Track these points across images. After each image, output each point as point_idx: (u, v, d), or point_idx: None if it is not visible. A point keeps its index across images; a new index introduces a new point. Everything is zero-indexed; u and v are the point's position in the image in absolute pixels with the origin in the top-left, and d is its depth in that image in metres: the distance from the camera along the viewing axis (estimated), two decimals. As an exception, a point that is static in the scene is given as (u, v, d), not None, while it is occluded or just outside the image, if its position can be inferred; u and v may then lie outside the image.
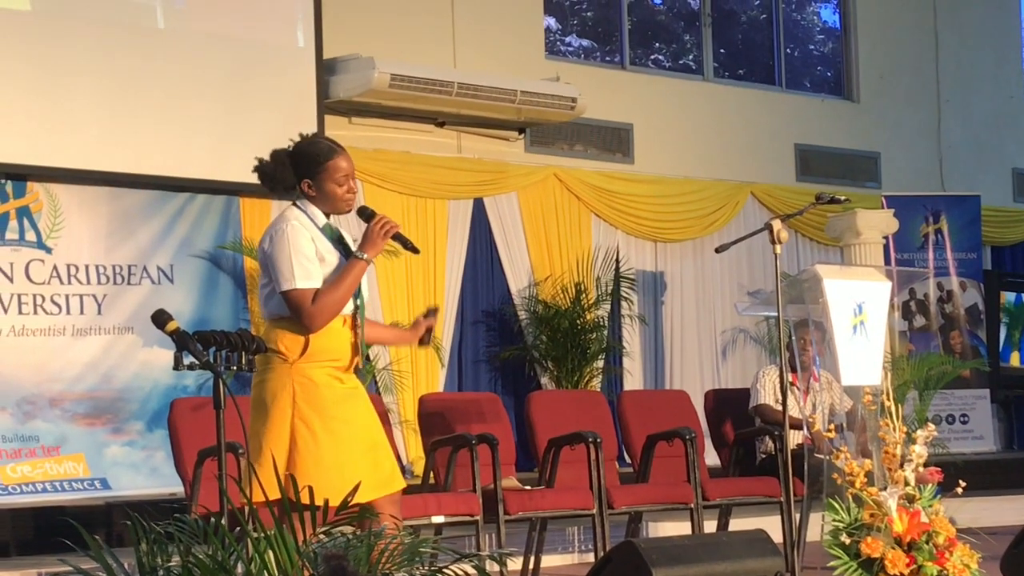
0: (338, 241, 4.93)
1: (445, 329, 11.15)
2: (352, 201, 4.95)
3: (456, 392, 10.90)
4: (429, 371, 10.93)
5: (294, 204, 4.95)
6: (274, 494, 4.34)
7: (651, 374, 12.42)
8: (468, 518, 6.83)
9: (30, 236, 9.29)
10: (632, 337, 12.19)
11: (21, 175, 9.26)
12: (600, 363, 11.54)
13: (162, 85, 9.60)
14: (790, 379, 7.65)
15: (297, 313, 4.75)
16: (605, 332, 11.58)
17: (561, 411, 7.94)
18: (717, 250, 7.23)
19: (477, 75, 11.01)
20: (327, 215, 4.94)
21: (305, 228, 4.85)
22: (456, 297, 11.29)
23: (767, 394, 8.23)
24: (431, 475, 7.30)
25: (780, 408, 6.69)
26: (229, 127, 9.87)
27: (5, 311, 9.11)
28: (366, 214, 4.95)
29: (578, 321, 11.26)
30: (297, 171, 4.96)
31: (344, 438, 4.77)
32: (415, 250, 5.08)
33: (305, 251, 4.80)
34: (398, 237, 4.92)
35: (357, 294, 4.87)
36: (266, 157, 5.06)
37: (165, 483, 8.99)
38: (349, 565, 2.80)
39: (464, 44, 11.55)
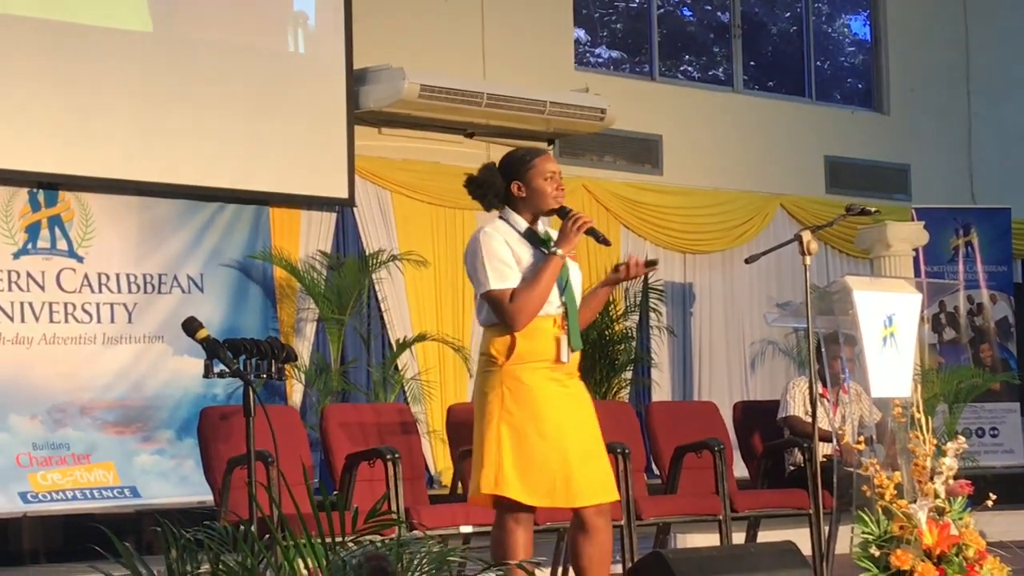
0: (545, 243, 5.03)
1: (473, 339, 11.15)
2: (560, 200, 5.04)
3: (484, 402, 10.87)
4: (457, 381, 10.94)
5: (499, 216, 5.12)
6: (489, 491, 4.74)
7: (679, 385, 12.40)
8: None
9: (61, 245, 9.34)
10: (661, 348, 12.18)
11: (53, 184, 9.32)
12: (628, 374, 11.52)
13: (193, 96, 9.64)
14: (820, 391, 7.63)
15: (499, 314, 4.89)
16: (633, 343, 11.56)
17: (590, 422, 7.91)
18: (747, 261, 7.21)
19: (507, 86, 11.02)
20: (535, 219, 5.05)
21: (499, 233, 5.02)
22: (484, 308, 11.27)
23: (796, 406, 8.21)
24: (459, 485, 7.29)
25: (809, 420, 6.67)
26: (259, 137, 9.91)
27: (37, 319, 9.15)
28: (563, 212, 5.05)
29: (606, 332, 11.24)
30: (506, 175, 5.11)
31: (554, 441, 4.85)
32: (607, 242, 5.16)
33: (499, 254, 4.95)
34: (591, 232, 4.99)
35: (566, 292, 4.93)
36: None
37: (195, 491, 9.01)
38: (390, 566, 2.81)
39: (494, 55, 11.56)
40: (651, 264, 5.18)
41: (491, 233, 5.02)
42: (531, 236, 5.02)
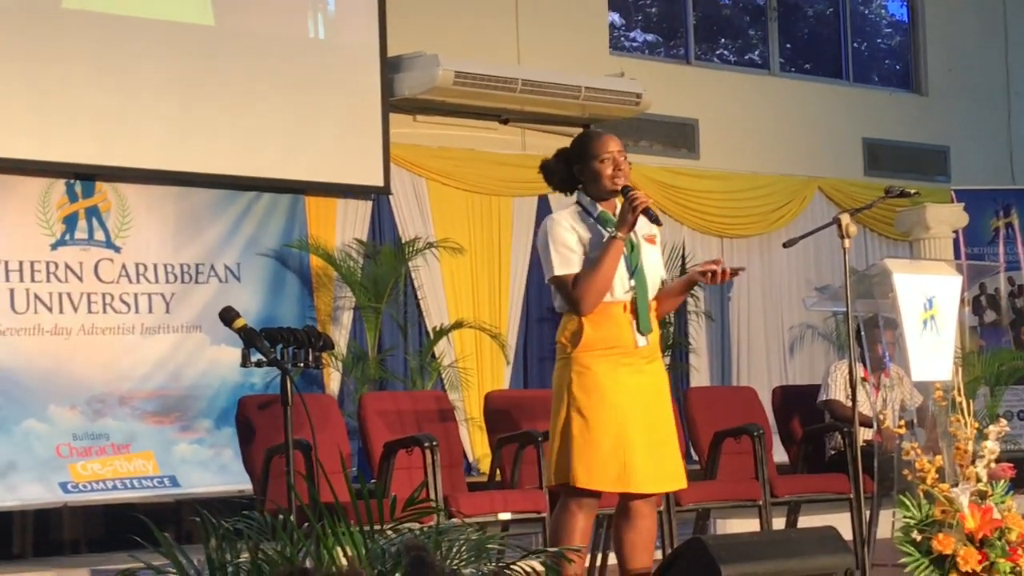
0: (613, 226, 5.03)
1: (510, 326, 11.15)
2: (619, 182, 5.01)
3: (522, 389, 10.88)
4: (494, 368, 10.93)
5: (575, 200, 5.15)
6: (557, 479, 4.84)
7: (717, 370, 12.35)
8: (535, 515, 6.81)
9: (99, 236, 9.36)
10: (698, 333, 12.14)
11: (90, 175, 9.34)
12: (667, 360, 11.47)
13: (228, 85, 9.65)
14: (861, 374, 7.58)
15: (565, 300, 4.96)
16: (671, 328, 11.51)
17: (628, 408, 7.89)
18: (785, 245, 7.17)
19: (541, 72, 10.99)
20: (604, 201, 5.07)
21: (565, 219, 5.04)
22: (521, 294, 11.27)
23: (838, 389, 8.16)
24: (497, 472, 7.29)
25: (850, 404, 6.63)
26: (295, 126, 9.91)
27: (75, 310, 9.19)
28: (625, 192, 5.06)
29: (644, 317, 11.20)
30: (569, 160, 5.13)
31: (622, 428, 4.86)
32: (658, 222, 5.16)
33: (563, 240, 4.97)
34: (646, 211, 4.98)
35: (636, 276, 4.94)
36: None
37: (233, 480, 9.04)
38: (430, 555, 2.80)
39: (528, 41, 11.53)
40: (736, 273, 5.18)
41: (557, 219, 5.05)
42: (602, 218, 5.03)
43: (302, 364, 4.42)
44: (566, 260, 4.96)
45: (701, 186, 12.40)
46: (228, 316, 4.40)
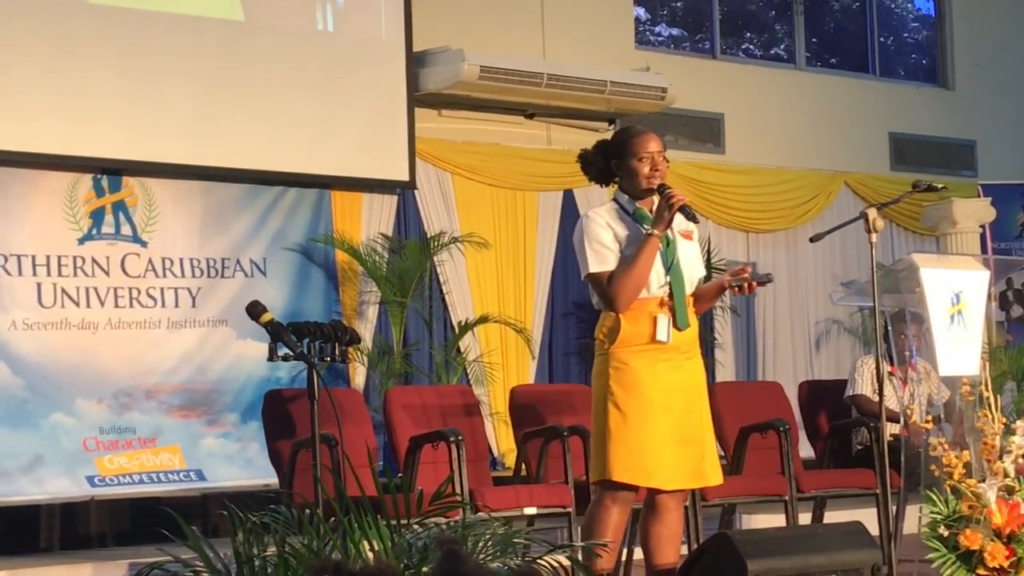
0: (649, 223, 5.04)
1: (535, 321, 11.14)
2: (656, 181, 5.04)
3: (547, 384, 10.88)
4: (519, 363, 10.93)
5: (613, 197, 5.15)
6: (596, 474, 4.84)
7: (743, 365, 12.33)
8: (560, 509, 6.81)
9: (126, 230, 9.39)
10: (724, 328, 12.12)
11: (116, 170, 9.37)
12: (692, 354, 11.45)
13: (254, 80, 9.67)
14: (888, 369, 7.55)
15: (600, 297, 4.98)
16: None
17: (653, 403, 7.88)
18: (812, 239, 7.14)
19: (567, 66, 10.98)
20: (640, 199, 5.08)
21: (602, 216, 5.04)
22: (546, 289, 11.27)
23: (864, 384, 8.13)
24: (523, 467, 7.28)
25: (877, 398, 6.61)
26: (320, 121, 9.92)
27: (102, 304, 9.22)
28: (661, 190, 5.06)
29: (670, 313, 11.18)
30: (607, 154, 5.15)
31: (658, 423, 4.88)
32: (695, 219, 5.17)
33: (599, 237, 4.99)
34: (683, 209, 4.99)
35: (671, 271, 4.94)
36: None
37: (259, 474, 9.06)
38: (462, 550, 2.80)
39: (553, 35, 11.52)
40: (763, 283, 5.16)
41: (593, 216, 5.07)
42: (638, 216, 5.03)
43: (328, 359, 4.43)
44: (601, 257, 4.96)
45: (727, 181, 12.38)
46: (255, 311, 4.41)
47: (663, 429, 4.94)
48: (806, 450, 8.47)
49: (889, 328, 7.47)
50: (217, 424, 9.56)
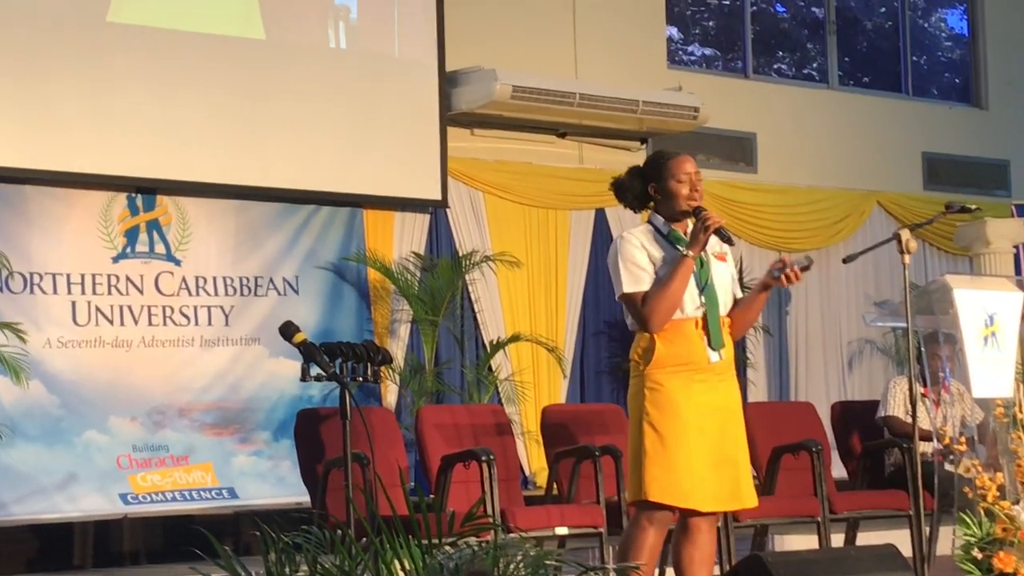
0: (685, 245, 5.04)
1: (567, 339, 11.14)
2: (694, 202, 5.06)
3: (579, 403, 10.87)
4: (551, 382, 10.93)
5: (648, 219, 5.18)
6: (632, 495, 4.86)
7: (776, 385, 12.30)
8: (592, 530, 6.80)
9: (159, 249, 9.44)
10: (756, 348, 12.09)
11: (151, 189, 9.42)
12: (724, 374, 11.42)
13: (287, 99, 9.71)
14: (920, 390, 7.52)
15: (634, 317, 4.98)
16: (728, 343, 11.48)
17: (685, 423, 7.86)
18: (845, 260, 7.12)
19: (599, 85, 10.99)
20: (676, 221, 5.09)
21: (636, 237, 5.07)
22: (578, 307, 11.27)
23: (897, 405, 8.10)
24: (554, 486, 7.28)
25: (909, 419, 6.58)
26: (353, 140, 9.96)
27: (136, 322, 9.26)
28: (697, 212, 5.08)
29: (701, 331, 11.16)
30: (644, 177, 5.17)
31: (694, 445, 4.87)
32: (731, 242, 5.16)
33: (634, 258, 5.01)
34: (719, 231, 4.99)
35: (706, 292, 4.95)
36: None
37: (291, 492, 9.08)
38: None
39: (586, 54, 11.54)
40: (806, 269, 5.12)
41: (628, 237, 5.08)
42: (674, 238, 5.03)
43: (361, 379, 4.44)
44: (635, 278, 4.97)
45: (759, 200, 12.36)
46: (288, 331, 4.43)
47: (699, 450, 4.93)
48: (839, 471, 8.44)
49: (922, 349, 7.44)
50: (249, 442, 9.59)
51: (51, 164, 8.88)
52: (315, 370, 4.31)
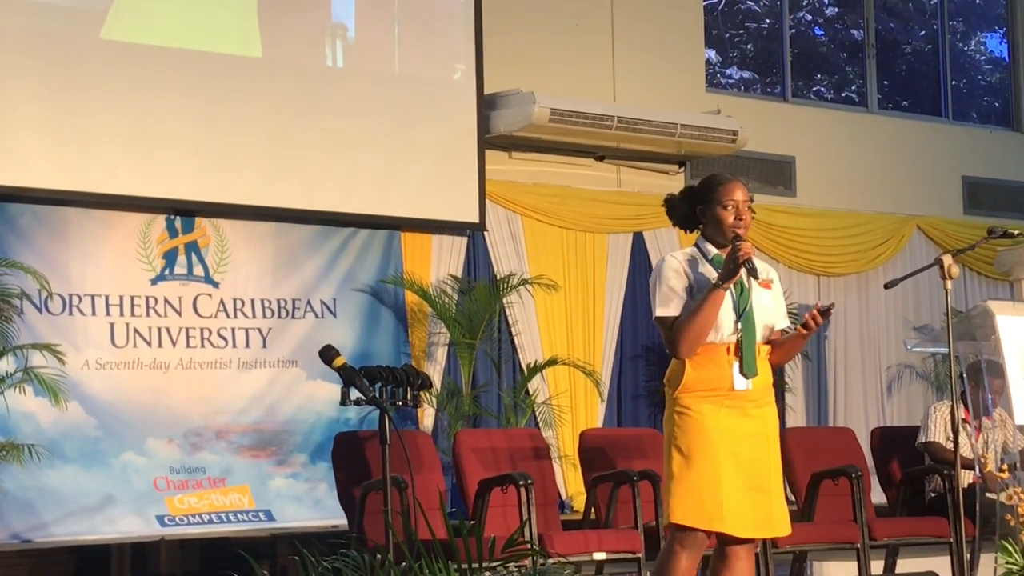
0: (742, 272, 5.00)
1: (604, 363, 11.11)
2: (741, 230, 5.00)
3: (616, 427, 10.84)
4: (588, 406, 10.89)
5: (695, 243, 5.13)
6: (666, 519, 4.82)
7: (814, 410, 12.22)
8: (630, 555, 6.77)
9: (198, 271, 9.46)
10: (795, 373, 12.02)
11: (189, 211, 9.45)
12: (763, 399, 11.36)
13: (326, 122, 9.73)
14: (962, 416, 7.46)
15: (665, 341, 4.94)
16: (767, 368, 11.42)
17: (724, 448, 7.82)
18: (887, 286, 7.08)
19: (637, 109, 10.98)
20: (723, 247, 5.05)
21: (678, 260, 5.03)
22: (615, 331, 11.24)
23: (938, 431, 8.04)
24: (592, 511, 7.25)
25: (951, 446, 6.53)
26: (391, 163, 9.97)
27: (174, 344, 9.28)
28: (735, 242, 5.02)
29: (739, 356, 11.10)
30: (693, 199, 5.13)
31: (723, 469, 4.84)
32: (756, 275, 5.05)
33: (670, 282, 4.98)
34: (746, 263, 4.95)
35: (743, 319, 4.92)
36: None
37: (328, 515, 9.07)
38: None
39: (624, 78, 11.53)
40: (827, 312, 5.05)
41: (668, 260, 5.05)
42: (715, 263, 5.00)
43: (400, 403, 4.43)
44: (667, 301, 4.94)
45: (798, 224, 12.31)
46: (328, 355, 4.42)
47: (728, 474, 4.88)
48: (878, 496, 8.38)
49: (963, 374, 7.39)
50: (286, 464, 9.59)
51: (90, 186, 8.91)
52: (355, 394, 4.30)
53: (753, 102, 12.52)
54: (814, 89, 13.51)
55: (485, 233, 10.65)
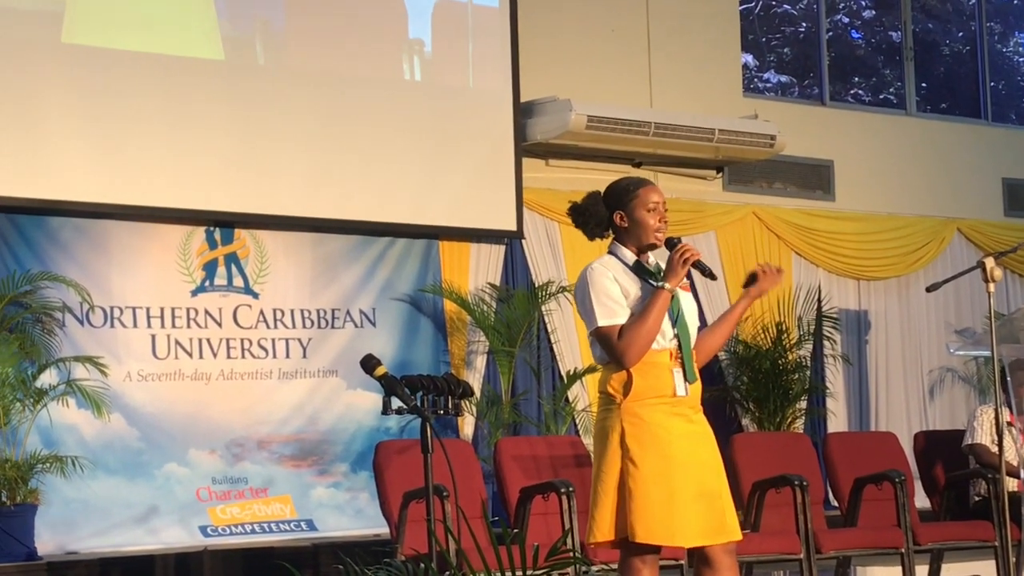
0: (654, 276, 4.89)
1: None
2: (663, 233, 4.93)
3: (656, 433, 10.78)
4: (628, 412, 10.84)
5: (608, 250, 4.98)
6: (606, 535, 4.63)
7: (856, 415, 12.17)
8: (673, 562, 6.74)
9: (238, 282, 9.50)
10: (836, 377, 11.97)
11: (229, 222, 9.49)
12: (803, 404, 11.33)
13: (363, 132, 9.75)
14: (1007, 419, 7.42)
15: (610, 351, 4.79)
16: (808, 372, 11.39)
17: (765, 453, 7.82)
18: (929, 289, 7.06)
19: (674, 114, 10.95)
20: (641, 252, 4.94)
21: (608, 269, 4.87)
22: (655, 338, 11.19)
23: (984, 433, 7.98)
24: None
25: (996, 448, 6.49)
26: (429, 172, 9.98)
27: (215, 355, 9.32)
28: (671, 243, 4.92)
29: (780, 361, 11.08)
30: (609, 204, 4.97)
31: (677, 479, 4.73)
32: (713, 276, 5.01)
33: (607, 290, 4.81)
34: (698, 264, 4.87)
35: (678, 324, 4.85)
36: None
37: (370, 524, 9.09)
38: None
39: (661, 83, 11.51)
40: (779, 269, 4.98)
41: (599, 269, 4.85)
42: (639, 269, 4.89)
43: (441, 412, 4.43)
44: (610, 311, 4.77)
45: (837, 227, 12.26)
46: (369, 364, 4.43)
47: (682, 485, 4.75)
48: (922, 501, 8.33)
49: (1008, 377, 7.34)
50: (328, 474, 9.61)
51: (130, 199, 8.96)
52: (396, 403, 4.30)
53: (791, 106, 12.48)
54: (852, 92, 13.46)
55: (523, 241, 10.65)
